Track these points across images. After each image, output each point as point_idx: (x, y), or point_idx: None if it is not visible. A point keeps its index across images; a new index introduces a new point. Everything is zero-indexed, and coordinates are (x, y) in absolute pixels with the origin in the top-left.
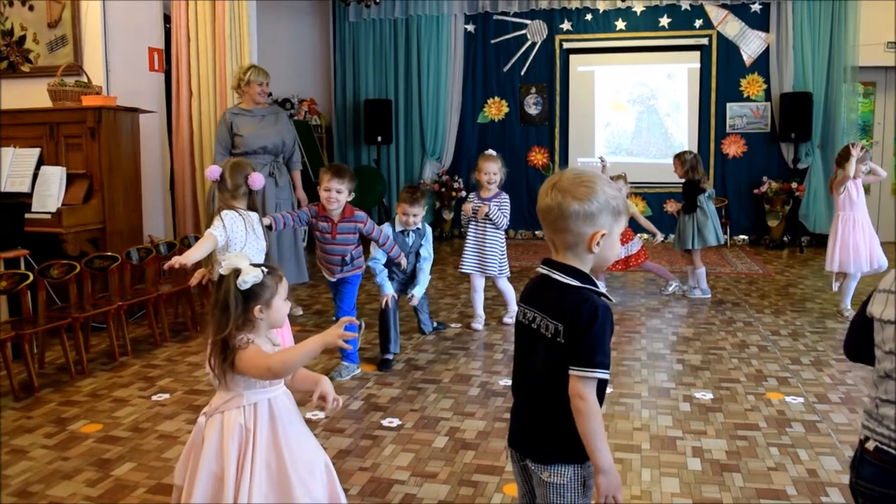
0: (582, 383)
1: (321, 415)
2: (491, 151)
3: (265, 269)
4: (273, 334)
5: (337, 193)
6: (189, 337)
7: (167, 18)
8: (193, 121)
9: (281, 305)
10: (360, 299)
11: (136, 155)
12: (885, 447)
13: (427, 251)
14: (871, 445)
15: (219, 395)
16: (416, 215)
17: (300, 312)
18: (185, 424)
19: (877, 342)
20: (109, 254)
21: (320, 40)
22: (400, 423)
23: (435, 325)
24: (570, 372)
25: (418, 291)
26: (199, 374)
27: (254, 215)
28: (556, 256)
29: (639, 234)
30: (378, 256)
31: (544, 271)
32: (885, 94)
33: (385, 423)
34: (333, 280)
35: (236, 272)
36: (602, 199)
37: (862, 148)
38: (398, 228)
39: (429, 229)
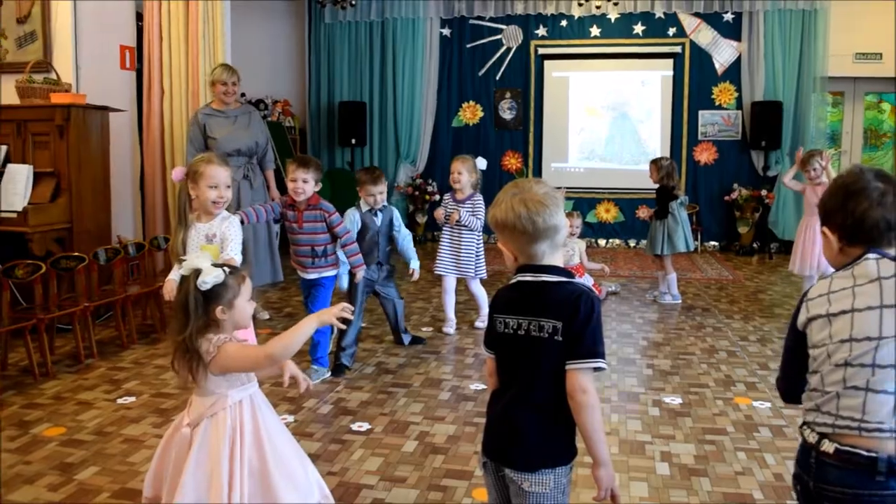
0: (583, 376)
1: (290, 419)
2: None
3: (227, 270)
4: (238, 335)
5: (303, 183)
6: (157, 339)
7: (139, 16)
8: (165, 120)
9: (245, 306)
10: (333, 303)
11: (105, 154)
12: (847, 446)
13: (403, 230)
14: (830, 448)
15: (198, 401)
16: (381, 193)
17: (266, 317)
18: (152, 428)
19: (818, 341)
20: (76, 254)
21: (295, 41)
22: (369, 427)
23: (412, 336)
24: (570, 366)
25: (415, 264)
26: (167, 377)
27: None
28: (537, 261)
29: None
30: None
31: (528, 278)
32: (853, 104)
33: (354, 427)
34: (307, 278)
35: (196, 272)
36: (558, 195)
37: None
38: (364, 209)
39: (395, 210)
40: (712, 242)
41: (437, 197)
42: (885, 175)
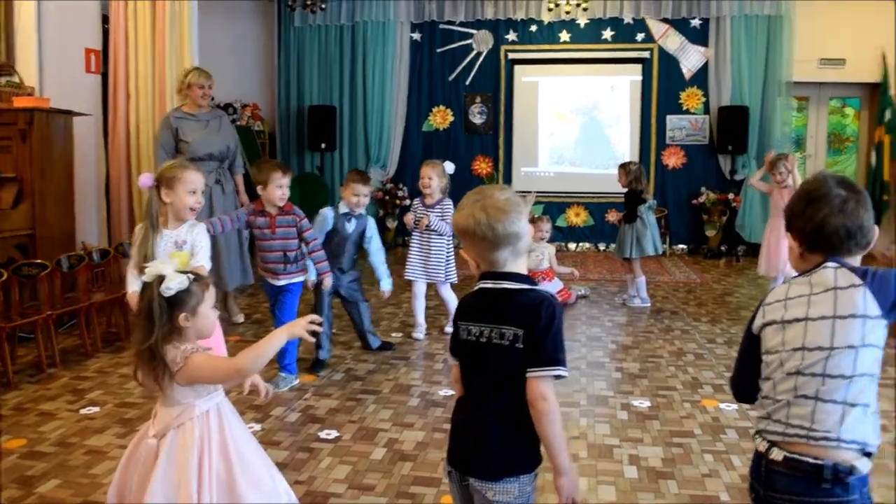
0: (544, 383)
1: (257, 427)
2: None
3: (191, 276)
4: (201, 344)
5: (288, 189)
6: (122, 347)
7: (105, 19)
8: (131, 124)
9: (209, 313)
10: (300, 309)
11: (69, 159)
12: (795, 454)
13: (376, 243)
14: (778, 456)
15: (164, 411)
16: (366, 196)
17: (241, 320)
18: (115, 439)
19: (772, 347)
20: (39, 261)
21: (264, 45)
22: (338, 434)
23: (381, 342)
24: (531, 374)
25: (386, 285)
26: (132, 387)
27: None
28: (498, 268)
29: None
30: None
31: (489, 285)
32: (818, 108)
33: (322, 435)
34: (277, 284)
35: (160, 279)
36: (521, 202)
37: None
38: (342, 211)
39: (371, 220)
40: (681, 245)
41: (408, 201)
42: (848, 183)
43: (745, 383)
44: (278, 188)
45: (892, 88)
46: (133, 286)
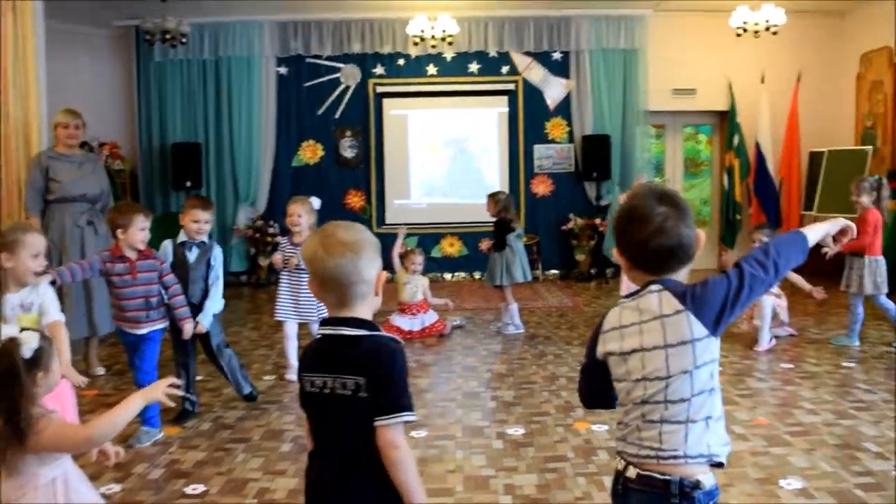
0: (393, 431)
1: (116, 488)
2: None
3: (38, 332)
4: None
5: (148, 233)
6: None
7: None
8: None
9: (56, 368)
10: (163, 356)
11: None
12: (646, 471)
13: (214, 273)
14: (633, 473)
15: (6, 483)
16: (207, 222)
17: (101, 372)
18: None
19: (619, 375)
20: None
21: (122, 80)
22: (205, 489)
23: (249, 391)
24: (379, 423)
25: (203, 318)
26: None
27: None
28: (341, 312)
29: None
30: None
31: (329, 332)
32: (673, 135)
33: (188, 490)
34: (139, 333)
35: (13, 341)
36: (372, 240)
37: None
38: (180, 240)
39: (217, 248)
40: (552, 271)
41: (279, 239)
42: (668, 197)
43: (596, 398)
44: (140, 231)
45: (738, 116)
46: None
